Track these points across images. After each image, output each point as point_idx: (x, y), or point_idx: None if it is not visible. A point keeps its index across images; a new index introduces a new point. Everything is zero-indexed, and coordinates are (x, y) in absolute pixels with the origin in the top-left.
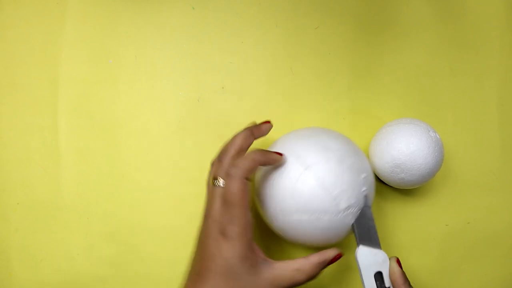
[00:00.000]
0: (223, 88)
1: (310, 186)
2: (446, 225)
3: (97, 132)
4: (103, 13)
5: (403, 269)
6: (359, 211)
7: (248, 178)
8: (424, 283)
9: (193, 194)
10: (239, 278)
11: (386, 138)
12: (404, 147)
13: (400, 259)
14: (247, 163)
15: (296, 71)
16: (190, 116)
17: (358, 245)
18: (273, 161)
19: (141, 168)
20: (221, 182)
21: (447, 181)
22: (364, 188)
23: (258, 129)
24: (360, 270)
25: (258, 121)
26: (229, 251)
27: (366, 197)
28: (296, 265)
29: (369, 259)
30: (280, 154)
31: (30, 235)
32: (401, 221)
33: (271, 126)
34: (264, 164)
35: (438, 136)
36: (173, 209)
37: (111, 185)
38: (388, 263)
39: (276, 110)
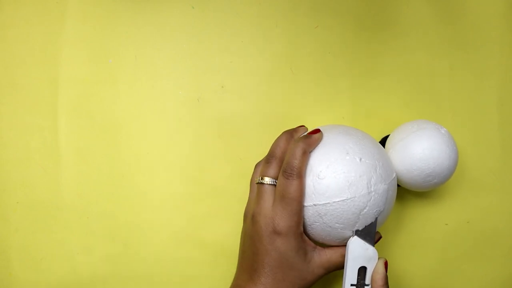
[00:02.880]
0: (223, 88)
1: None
2: (446, 224)
3: (97, 132)
4: (103, 13)
5: (406, 275)
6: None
7: (303, 174)
8: (424, 283)
9: (193, 194)
10: (295, 268)
11: (406, 151)
12: (429, 155)
13: (399, 258)
14: (298, 161)
15: (296, 71)
16: (190, 116)
17: (353, 234)
18: (317, 141)
19: (141, 168)
20: (268, 181)
21: (447, 181)
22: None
23: (297, 132)
24: (346, 260)
25: (258, 122)
26: (283, 245)
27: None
28: (342, 250)
29: (359, 252)
30: (319, 131)
31: (30, 235)
32: (401, 220)
33: (307, 129)
34: (311, 150)
35: (446, 130)
36: (173, 209)
37: (111, 185)
38: (376, 261)
39: (276, 110)
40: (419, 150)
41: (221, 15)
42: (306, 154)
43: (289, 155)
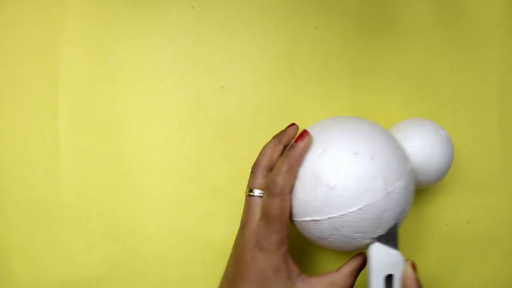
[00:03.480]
0: (223, 88)
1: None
2: (446, 225)
3: (97, 132)
4: (103, 13)
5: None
6: None
7: (287, 192)
8: (424, 283)
9: (193, 194)
10: None
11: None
12: (419, 151)
13: None
14: (282, 178)
15: (296, 71)
16: (190, 116)
17: (374, 241)
18: (303, 151)
19: (141, 168)
20: (257, 192)
21: (447, 181)
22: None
23: (285, 134)
24: (370, 269)
25: (258, 122)
26: (264, 262)
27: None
28: (330, 278)
29: (382, 259)
30: (305, 133)
31: (30, 234)
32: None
33: (297, 127)
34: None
35: (446, 133)
36: (173, 209)
37: (111, 185)
38: (402, 266)
39: (276, 110)
40: (411, 144)
41: (221, 15)
42: (292, 171)
43: (274, 170)
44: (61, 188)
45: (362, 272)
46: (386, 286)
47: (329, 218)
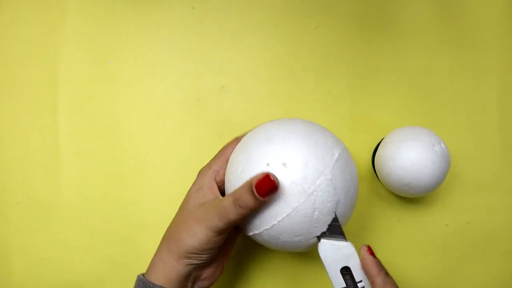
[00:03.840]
0: (223, 88)
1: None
2: (446, 225)
3: (97, 132)
4: (103, 13)
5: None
6: None
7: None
8: (424, 283)
9: None
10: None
11: (391, 155)
12: (410, 167)
13: (400, 259)
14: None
15: (296, 71)
16: (190, 116)
17: (318, 239)
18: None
19: (141, 168)
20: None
21: (447, 181)
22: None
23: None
24: (324, 266)
25: (258, 122)
26: (192, 186)
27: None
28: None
29: (332, 254)
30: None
31: (30, 234)
32: (401, 221)
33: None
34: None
35: (444, 147)
36: (173, 209)
37: (111, 185)
38: (356, 256)
39: (276, 110)
40: (403, 158)
41: (221, 15)
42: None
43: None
44: (61, 188)
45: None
46: (348, 278)
47: (265, 230)
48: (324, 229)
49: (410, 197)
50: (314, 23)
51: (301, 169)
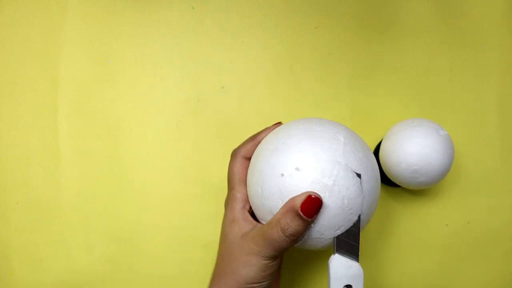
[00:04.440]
0: (223, 88)
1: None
2: (446, 225)
3: (97, 132)
4: (103, 13)
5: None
6: None
7: (236, 155)
8: (424, 283)
9: (193, 194)
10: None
11: (398, 143)
12: (420, 152)
13: (400, 259)
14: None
15: (296, 71)
16: (190, 116)
17: (334, 252)
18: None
19: (141, 168)
20: None
21: (447, 181)
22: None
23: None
24: (329, 279)
25: (258, 122)
26: (224, 219)
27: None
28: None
29: (342, 271)
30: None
31: (30, 234)
32: (401, 221)
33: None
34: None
35: (446, 133)
36: (173, 209)
37: (111, 185)
38: (362, 278)
39: (276, 110)
40: (412, 144)
41: (221, 15)
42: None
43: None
44: (61, 188)
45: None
46: None
47: (306, 236)
48: (359, 212)
49: (418, 189)
50: (314, 23)
51: (315, 166)
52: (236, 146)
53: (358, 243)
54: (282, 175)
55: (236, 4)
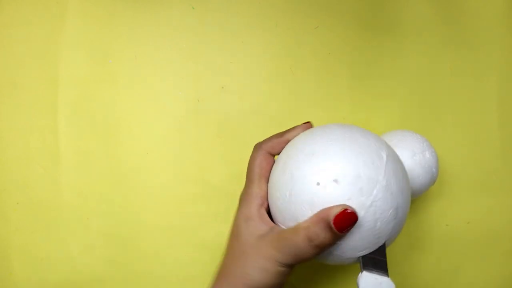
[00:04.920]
0: (223, 88)
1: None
2: (446, 225)
3: (97, 132)
4: (103, 13)
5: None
6: None
7: (259, 148)
8: (424, 283)
9: (193, 194)
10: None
11: None
12: None
13: (400, 259)
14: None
15: (296, 71)
16: (190, 116)
17: (361, 270)
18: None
19: (141, 168)
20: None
21: (447, 181)
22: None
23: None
24: None
25: (258, 122)
26: (239, 214)
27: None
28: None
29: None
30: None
31: (30, 235)
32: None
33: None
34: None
35: (427, 157)
36: (173, 209)
37: (111, 185)
38: None
39: (276, 110)
40: None
41: (221, 15)
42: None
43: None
44: (61, 188)
45: None
46: None
47: (332, 250)
48: (387, 237)
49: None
50: (314, 23)
51: (355, 182)
52: (236, 146)
53: (385, 257)
54: (318, 184)
55: (236, 4)
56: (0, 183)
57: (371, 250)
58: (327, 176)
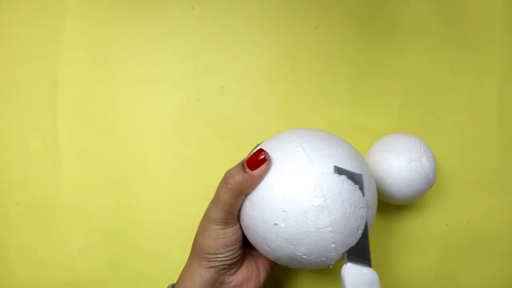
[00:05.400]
0: (223, 88)
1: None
2: (446, 225)
3: (97, 132)
4: (103, 13)
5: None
6: None
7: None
8: (424, 283)
9: (193, 194)
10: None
11: (372, 164)
12: (381, 177)
13: (400, 258)
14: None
15: (296, 71)
16: (190, 116)
17: (345, 262)
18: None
19: (141, 168)
20: None
21: (447, 181)
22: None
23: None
24: None
25: (258, 122)
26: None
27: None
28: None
29: (357, 279)
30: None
31: (30, 234)
32: (402, 221)
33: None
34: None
35: (424, 163)
36: (173, 209)
37: (111, 185)
38: (378, 284)
39: (276, 110)
40: (378, 169)
41: (221, 15)
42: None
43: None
44: (61, 188)
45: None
46: None
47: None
48: (365, 221)
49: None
50: (314, 23)
51: (299, 217)
52: (236, 146)
53: (369, 248)
54: (275, 224)
55: (236, 4)
56: (0, 183)
57: (325, 260)
58: (274, 216)
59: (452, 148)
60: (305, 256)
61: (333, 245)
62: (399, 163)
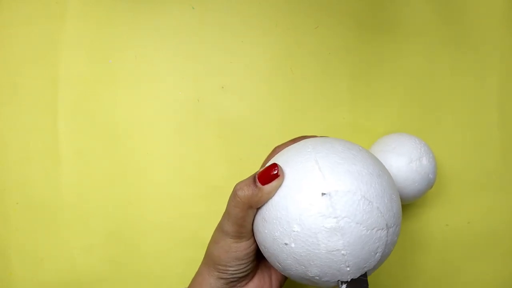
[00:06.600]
0: (223, 88)
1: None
2: (446, 225)
3: (97, 132)
4: (103, 13)
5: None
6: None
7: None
8: (424, 283)
9: (193, 194)
10: None
11: None
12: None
13: (400, 259)
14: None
15: (296, 71)
16: (190, 116)
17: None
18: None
19: (141, 168)
20: None
21: (447, 181)
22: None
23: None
24: None
25: (258, 122)
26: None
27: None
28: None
29: None
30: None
31: (30, 235)
32: (401, 221)
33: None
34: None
35: (424, 164)
36: (173, 209)
37: (111, 185)
38: None
39: (276, 110)
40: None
41: (221, 15)
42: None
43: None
44: (61, 188)
45: None
46: None
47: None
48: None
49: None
50: (314, 23)
51: (309, 238)
52: (236, 146)
53: (367, 284)
54: (286, 244)
55: (236, 4)
56: (0, 183)
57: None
58: (285, 235)
59: (452, 148)
60: (317, 278)
61: (348, 269)
62: (399, 163)
